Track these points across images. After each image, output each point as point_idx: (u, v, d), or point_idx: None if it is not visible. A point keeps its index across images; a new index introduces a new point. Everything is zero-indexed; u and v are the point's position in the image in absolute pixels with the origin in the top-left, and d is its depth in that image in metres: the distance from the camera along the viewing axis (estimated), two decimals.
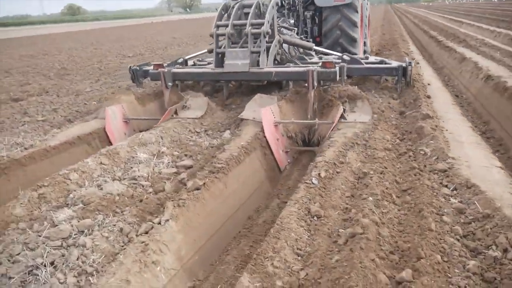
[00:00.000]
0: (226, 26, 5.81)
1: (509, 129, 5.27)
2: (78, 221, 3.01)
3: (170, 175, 3.96)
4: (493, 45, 10.91)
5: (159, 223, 2.90)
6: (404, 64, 6.01)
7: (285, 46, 6.55)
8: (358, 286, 2.12)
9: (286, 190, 4.33)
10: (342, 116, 4.86)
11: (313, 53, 6.98)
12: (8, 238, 2.87)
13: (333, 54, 6.75)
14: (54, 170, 3.92)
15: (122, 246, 2.78)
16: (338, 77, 5.38)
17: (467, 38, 12.25)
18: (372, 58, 6.91)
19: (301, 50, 7.01)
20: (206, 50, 7.02)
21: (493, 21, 21.54)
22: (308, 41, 7.55)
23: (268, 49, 5.79)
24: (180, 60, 6.59)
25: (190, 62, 6.94)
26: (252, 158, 4.32)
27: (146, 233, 2.83)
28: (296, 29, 7.55)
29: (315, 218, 2.90)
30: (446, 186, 3.16)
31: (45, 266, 2.46)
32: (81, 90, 8.73)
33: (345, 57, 6.17)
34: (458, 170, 3.27)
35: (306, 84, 5.20)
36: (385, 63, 6.37)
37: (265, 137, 4.66)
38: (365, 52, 9.19)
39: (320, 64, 5.56)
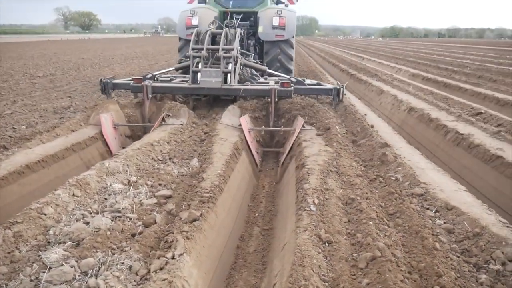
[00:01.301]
0: (201, 49, 6.97)
1: (439, 155, 6.00)
2: (77, 261, 2.74)
3: (153, 205, 3.77)
4: (402, 80, 12.28)
5: (173, 257, 2.76)
6: (337, 86, 7.50)
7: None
8: None
9: (262, 217, 4.40)
10: (303, 126, 6.08)
11: (259, 74, 8.31)
12: None
13: (282, 76, 8.16)
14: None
15: (136, 286, 2.59)
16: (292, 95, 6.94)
17: (378, 73, 13.61)
18: (308, 81, 8.33)
19: (252, 71, 8.17)
20: (173, 68, 8.35)
21: (387, 58, 24.22)
22: (263, 64, 8.53)
23: (235, 70, 7.02)
24: (149, 76, 7.48)
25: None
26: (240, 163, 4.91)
27: (161, 269, 2.67)
28: (253, 54, 8.93)
29: (326, 244, 3.01)
30: (428, 209, 3.50)
31: None
32: None
33: (292, 79, 7.55)
34: (435, 194, 3.65)
35: (269, 99, 6.80)
36: (321, 85, 7.91)
37: (246, 139, 5.75)
38: None
39: (279, 83, 6.99)
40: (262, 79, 8.09)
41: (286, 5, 10.99)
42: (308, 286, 2.51)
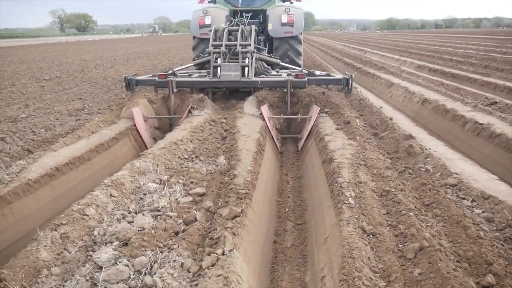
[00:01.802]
0: (220, 46, 7.48)
1: (458, 145, 6.03)
2: (129, 260, 2.78)
3: (189, 203, 3.80)
4: (410, 72, 12.30)
5: (223, 253, 2.80)
6: (347, 76, 7.87)
7: None
8: None
9: (292, 212, 4.45)
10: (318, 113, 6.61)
11: (269, 67, 8.64)
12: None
13: (294, 69, 8.59)
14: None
15: (190, 282, 2.63)
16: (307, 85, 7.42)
17: (384, 65, 13.62)
18: (318, 72, 8.77)
19: (263, 64, 8.48)
20: (191, 64, 9.05)
21: (389, 50, 24.21)
22: (276, 58, 8.90)
23: (251, 63, 7.55)
24: (170, 72, 8.03)
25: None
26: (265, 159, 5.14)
27: (213, 265, 2.71)
28: (266, 48, 9.25)
29: (371, 236, 3.05)
30: (464, 198, 3.54)
31: None
32: (14, 116, 7.86)
33: (304, 71, 8.09)
34: (469, 184, 3.69)
35: (285, 90, 7.28)
36: (331, 76, 8.48)
37: (267, 127, 6.33)
38: None
39: (293, 75, 7.59)
40: (274, 72, 8.45)
41: (291, 2, 11.23)
42: (361, 277, 2.55)
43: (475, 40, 33.54)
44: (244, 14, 10.03)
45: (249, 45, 7.52)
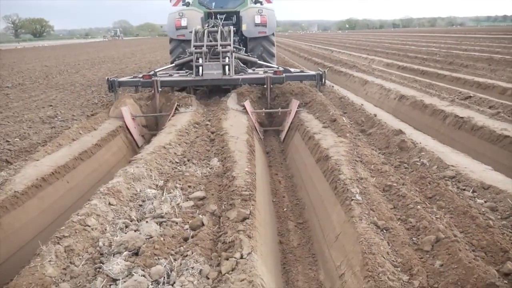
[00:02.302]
0: (202, 46, 7.96)
1: (441, 139, 6.20)
2: (143, 270, 2.65)
3: (191, 208, 3.70)
4: (381, 69, 12.58)
5: (241, 257, 2.73)
6: (320, 72, 8.52)
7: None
8: (478, 283, 2.34)
9: (291, 212, 4.43)
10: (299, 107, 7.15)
11: (245, 66, 9.04)
12: None
13: (270, 66, 9.22)
14: None
15: None
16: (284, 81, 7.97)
17: (355, 64, 13.87)
18: (292, 70, 9.24)
19: (240, 63, 8.83)
20: (173, 65, 9.29)
21: (355, 49, 24.73)
22: (253, 57, 9.53)
23: (231, 62, 8.05)
24: (151, 72, 8.37)
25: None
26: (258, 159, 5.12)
27: (233, 270, 2.64)
28: (244, 48, 9.85)
29: (384, 231, 3.06)
30: (464, 189, 3.63)
31: None
32: None
33: (280, 68, 8.69)
34: (467, 175, 3.79)
35: (265, 86, 7.74)
36: (305, 72, 9.27)
37: (251, 119, 6.79)
38: None
39: (271, 72, 8.16)
40: (250, 70, 8.96)
41: (261, 3, 11.67)
42: (385, 272, 2.55)
43: (434, 38, 34.85)
44: (218, 15, 10.44)
45: (229, 45, 8.06)
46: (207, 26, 8.73)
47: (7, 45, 63.64)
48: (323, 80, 8.52)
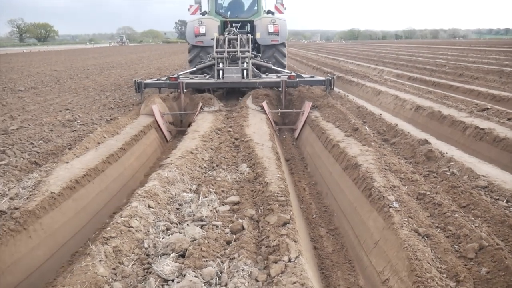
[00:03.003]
0: (223, 52, 8.87)
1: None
2: (194, 271, 2.71)
3: (228, 212, 3.75)
4: (393, 80, 12.67)
5: (289, 260, 2.78)
6: (330, 78, 9.36)
7: None
8: None
9: (320, 218, 4.48)
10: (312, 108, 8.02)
11: (258, 71, 9.74)
12: None
13: (284, 72, 9.87)
14: None
15: None
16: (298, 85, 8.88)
17: (366, 74, 13.97)
18: (303, 75, 9.94)
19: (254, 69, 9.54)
20: (195, 68, 9.89)
21: (362, 59, 24.86)
22: (268, 63, 10.21)
23: (249, 67, 8.88)
24: (175, 76, 9.19)
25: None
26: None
27: (282, 273, 2.69)
28: (260, 54, 10.57)
29: (425, 238, 3.11)
30: (498, 199, 3.68)
31: None
32: (3, 128, 7.50)
33: (293, 73, 9.24)
34: (499, 185, 3.83)
35: (279, 89, 8.70)
36: (315, 77, 9.94)
37: (269, 118, 7.68)
38: None
39: (287, 76, 8.99)
40: (264, 75, 9.69)
41: (273, 13, 12.15)
42: (434, 278, 2.60)
43: (439, 50, 35.02)
44: (233, 24, 11.13)
45: (248, 51, 8.98)
46: (227, 34, 9.59)
47: (12, 49, 64.09)
48: (332, 85, 9.39)
